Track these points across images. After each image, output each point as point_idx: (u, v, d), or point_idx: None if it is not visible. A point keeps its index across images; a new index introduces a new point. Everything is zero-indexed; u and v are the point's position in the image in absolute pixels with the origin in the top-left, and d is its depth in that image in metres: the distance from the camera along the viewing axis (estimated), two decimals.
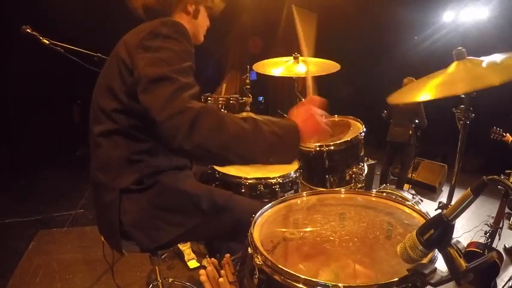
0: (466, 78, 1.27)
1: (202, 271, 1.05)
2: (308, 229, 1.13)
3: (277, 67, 2.19)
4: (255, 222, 1.09)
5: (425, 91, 1.25)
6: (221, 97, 2.77)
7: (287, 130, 1.04)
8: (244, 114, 2.47)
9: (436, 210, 1.80)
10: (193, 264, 2.52)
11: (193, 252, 2.59)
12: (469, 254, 2.26)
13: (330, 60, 2.19)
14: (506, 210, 3.12)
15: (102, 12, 4.43)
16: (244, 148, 0.99)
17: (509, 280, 2.51)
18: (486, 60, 1.27)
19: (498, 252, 2.39)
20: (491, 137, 3.31)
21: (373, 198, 1.29)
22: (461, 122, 1.62)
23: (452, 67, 1.36)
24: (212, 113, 0.98)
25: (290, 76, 2.21)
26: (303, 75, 2.17)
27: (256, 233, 1.06)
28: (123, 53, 1.16)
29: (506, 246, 3.11)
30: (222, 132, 0.96)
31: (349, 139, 1.88)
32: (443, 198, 4.58)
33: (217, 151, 0.96)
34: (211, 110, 0.99)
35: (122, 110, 1.17)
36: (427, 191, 4.81)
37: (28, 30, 1.94)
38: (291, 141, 1.04)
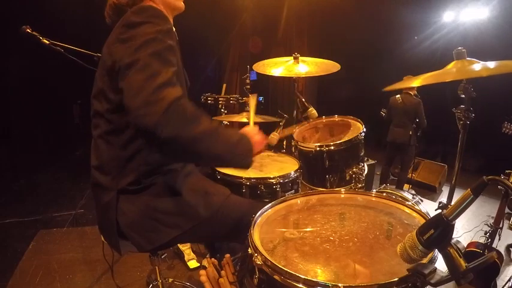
0: (457, 70, 1.32)
1: (202, 271, 1.05)
2: (308, 229, 1.14)
3: (277, 67, 2.19)
4: (255, 222, 1.09)
5: (418, 79, 1.30)
6: (221, 97, 2.78)
7: (243, 136, 1.17)
8: (244, 114, 2.47)
9: (436, 210, 1.80)
10: (193, 264, 2.52)
11: (193, 252, 2.59)
12: (469, 254, 2.26)
13: (329, 61, 2.19)
14: (506, 210, 3.12)
15: (102, 12, 4.43)
16: (212, 143, 1.05)
17: (509, 280, 2.51)
18: (483, 62, 1.31)
19: (498, 252, 2.39)
20: (503, 131, 3.29)
21: (373, 198, 1.29)
22: (462, 122, 1.62)
23: (450, 65, 1.37)
24: (185, 106, 1.01)
25: (290, 76, 2.20)
26: (303, 75, 2.17)
27: (256, 233, 1.06)
28: (105, 53, 1.18)
29: (511, 248, 3.10)
30: (193, 125, 1.01)
31: (349, 139, 1.88)
32: (443, 198, 4.58)
33: (187, 143, 1.00)
34: (184, 103, 1.01)
35: (113, 109, 1.18)
36: (427, 191, 4.81)
37: (28, 30, 1.93)
38: (247, 145, 1.16)
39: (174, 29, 1.26)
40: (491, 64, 1.22)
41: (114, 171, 1.22)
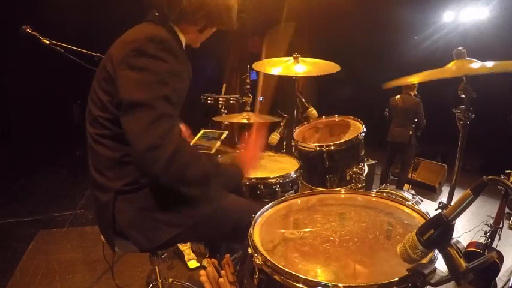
0: (457, 68, 1.34)
1: (202, 271, 1.05)
2: (308, 229, 1.14)
3: (277, 67, 2.19)
4: (255, 222, 1.09)
5: (417, 76, 1.33)
6: (221, 97, 2.78)
7: (234, 172, 1.28)
8: (244, 114, 2.47)
9: (436, 210, 1.80)
10: (193, 264, 2.52)
11: (193, 252, 2.59)
12: (469, 254, 2.25)
13: (329, 62, 2.18)
14: (506, 210, 3.11)
15: (102, 12, 4.43)
16: (204, 185, 1.15)
17: (509, 280, 2.50)
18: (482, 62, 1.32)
19: (498, 252, 2.38)
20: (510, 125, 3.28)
21: (373, 198, 1.29)
22: (462, 122, 1.62)
23: (450, 64, 1.38)
24: (185, 153, 1.07)
25: (290, 76, 2.20)
26: (302, 74, 2.17)
27: (256, 233, 1.06)
28: (108, 64, 1.15)
29: None
30: (191, 172, 1.08)
31: (349, 139, 1.88)
32: (443, 198, 4.58)
33: (183, 187, 1.11)
34: (185, 150, 1.07)
35: (109, 118, 1.17)
36: (427, 191, 4.80)
37: (28, 30, 1.93)
38: (236, 179, 1.31)
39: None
40: (490, 64, 1.22)
41: (110, 172, 1.21)
